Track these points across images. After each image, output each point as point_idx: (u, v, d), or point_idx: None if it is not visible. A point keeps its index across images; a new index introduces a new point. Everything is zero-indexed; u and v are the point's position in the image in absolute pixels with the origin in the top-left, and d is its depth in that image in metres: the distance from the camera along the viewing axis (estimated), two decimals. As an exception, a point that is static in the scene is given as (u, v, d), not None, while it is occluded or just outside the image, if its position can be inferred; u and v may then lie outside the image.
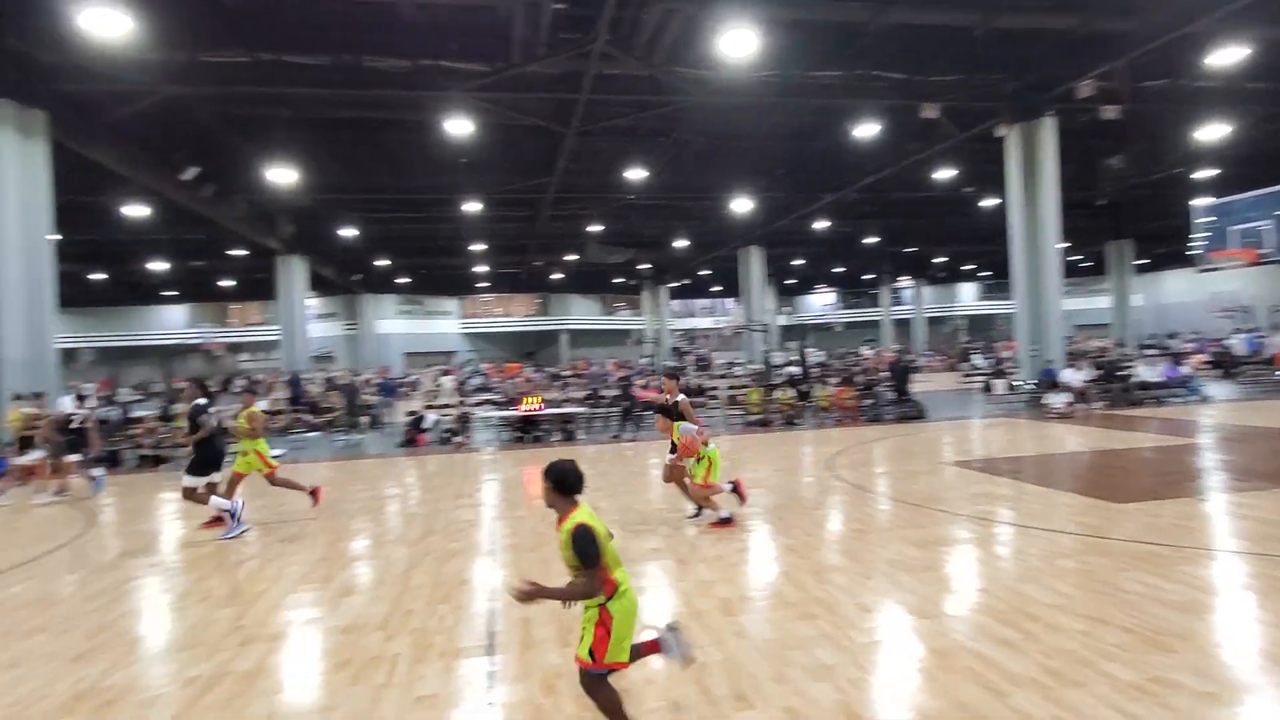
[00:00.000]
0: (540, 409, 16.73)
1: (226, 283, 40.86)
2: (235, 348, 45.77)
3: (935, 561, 6.36)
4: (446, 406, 18.77)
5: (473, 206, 25.40)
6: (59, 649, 5.10)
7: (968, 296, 56.55)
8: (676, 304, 54.03)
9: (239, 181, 21.95)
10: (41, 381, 14.10)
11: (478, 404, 19.92)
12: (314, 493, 9.06)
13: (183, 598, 6.23)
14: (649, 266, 44.42)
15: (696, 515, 8.23)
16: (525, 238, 33.97)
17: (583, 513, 3.44)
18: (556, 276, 46.66)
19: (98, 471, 11.98)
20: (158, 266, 34.33)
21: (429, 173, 23.21)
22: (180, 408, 8.35)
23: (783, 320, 51.17)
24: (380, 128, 19.38)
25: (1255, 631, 4.73)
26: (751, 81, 16.11)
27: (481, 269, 42.45)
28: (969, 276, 53.34)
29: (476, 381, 30.41)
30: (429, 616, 5.46)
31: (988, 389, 21.49)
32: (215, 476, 8.64)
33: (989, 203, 27.51)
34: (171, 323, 45.59)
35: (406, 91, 15.80)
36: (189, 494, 8.44)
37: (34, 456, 11.67)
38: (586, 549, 3.32)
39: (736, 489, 8.24)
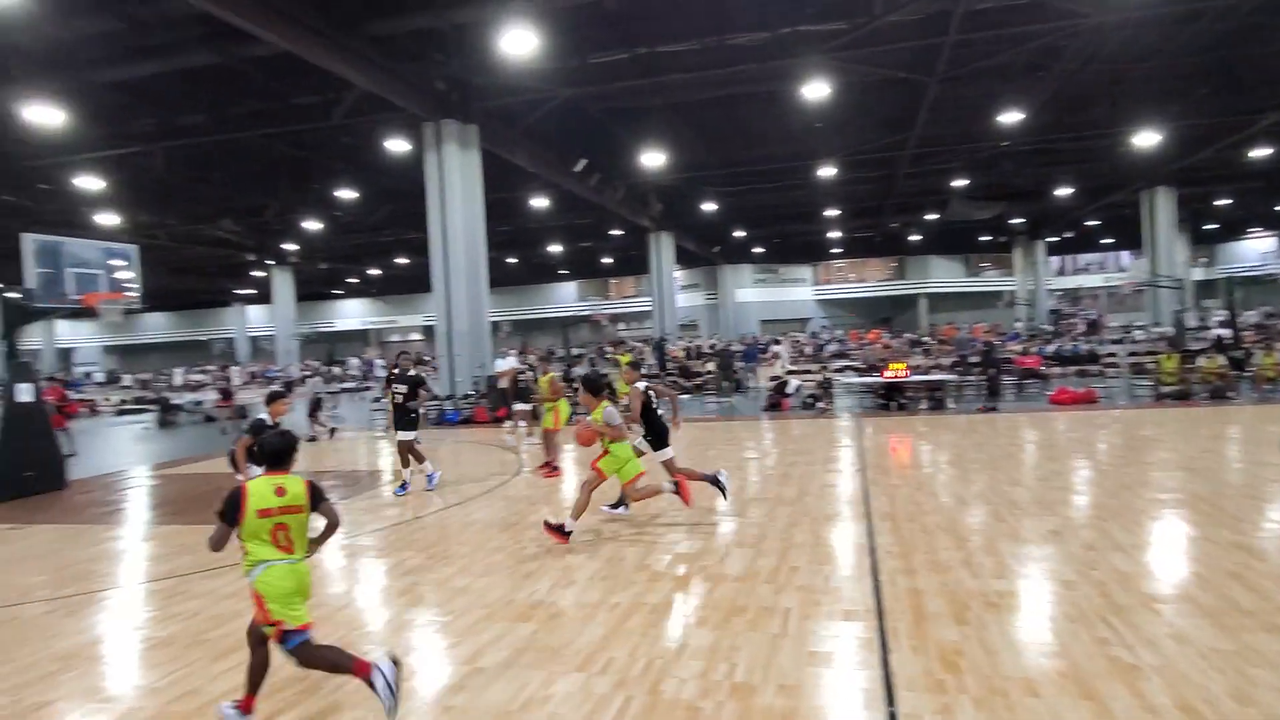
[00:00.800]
0: (906, 375, 16.05)
1: (607, 260, 46.02)
2: (615, 318, 51.35)
3: None
4: (808, 372, 18.95)
5: (826, 171, 25.06)
6: (515, 565, 6.27)
7: None
8: (1055, 260, 47.53)
9: (618, 168, 24.43)
10: (479, 349, 17.35)
11: (838, 370, 19.77)
12: (546, 467, 10.48)
13: (595, 534, 7.19)
14: (1022, 221, 39.71)
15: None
16: (880, 199, 32.61)
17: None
18: (914, 238, 44.10)
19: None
20: (555, 248, 39.86)
21: (783, 141, 23.44)
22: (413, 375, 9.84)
23: (1198, 274, 42.19)
24: (738, 103, 20.01)
25: None
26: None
27: (835, 234, 41.87)
28: None
29: (832, 348, 30.22)
30: (814, 575, 5.60)
31: None
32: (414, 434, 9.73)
33: None
34: (565, 297, 52.66)
35: (765, 63, 16.06)
36: (407, 447, 9.61)
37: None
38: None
39: (679, 490, 7.28)
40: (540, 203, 26.83)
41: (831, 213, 34.48)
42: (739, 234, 39.99)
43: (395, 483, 9.87)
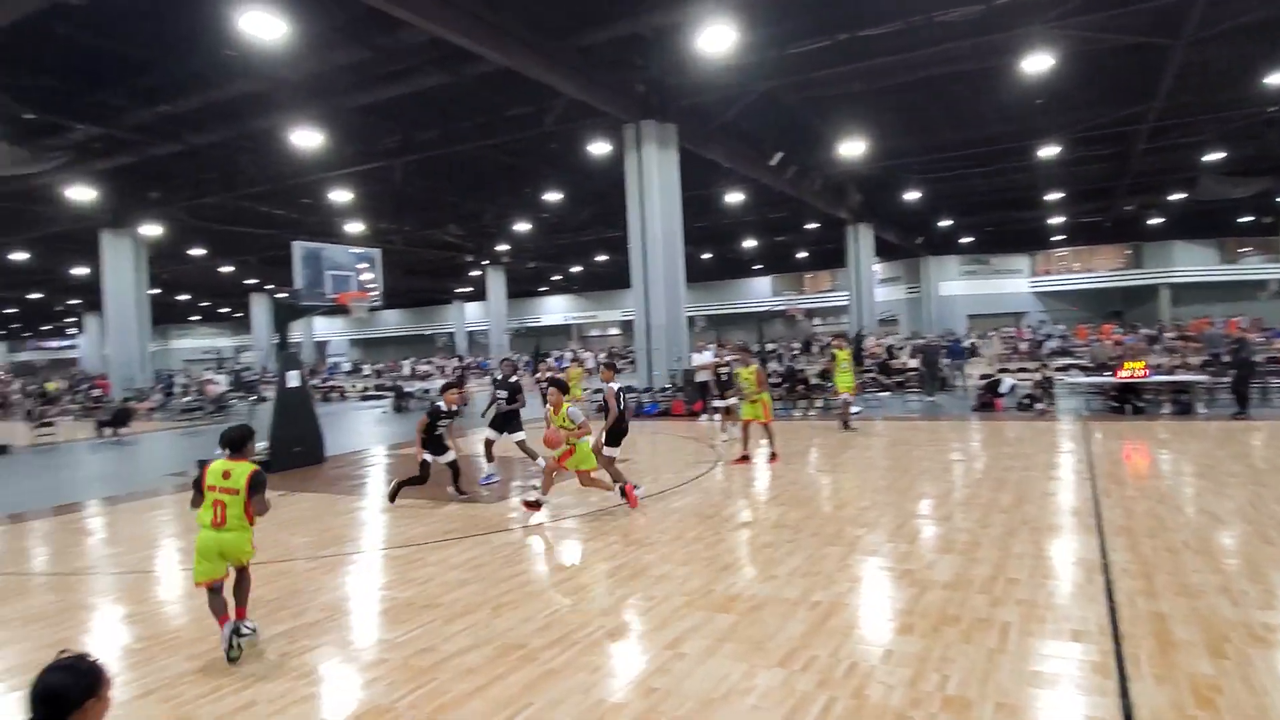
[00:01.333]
0: (1144, 375, 14.30)
1: (802, 254, 45.08)
2: (810, 313, 50.23)
3: None
4: (1024, 370, 17.45)
5: (1048, 151, 22.87)
6: (713, 556, 6.37)
7: None
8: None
9: (815, 159, 23.88)
10: (676, 343, 17.70)
11: (1061, 368, 18.03)
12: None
13: (795, 530, 7.11)
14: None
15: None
16: (1112, 179, 29.18)
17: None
18: (1154, 221, 38.96)
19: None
20: (749, 243, 39.70)
21: (998, 120, 21.67)
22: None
23: None
24: (946, 83, 18.79)
25: None
26: None
27: (1056, 220, 38.03)
28: None
29: (1052, 345, 27.56)
30: (1035, 589, 5.18)
31: None
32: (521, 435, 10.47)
33: None
34: (759, 292, 52.30)
35: (979, 38, 14.95)
36: (521, 445, 10.45)
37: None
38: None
39: (625, 494, 8.05)
40: (735, 197, 26.84)
41: (1053, 196, 31.41)
42: (945, 223, 37.54)
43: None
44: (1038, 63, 15.23)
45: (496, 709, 3.87)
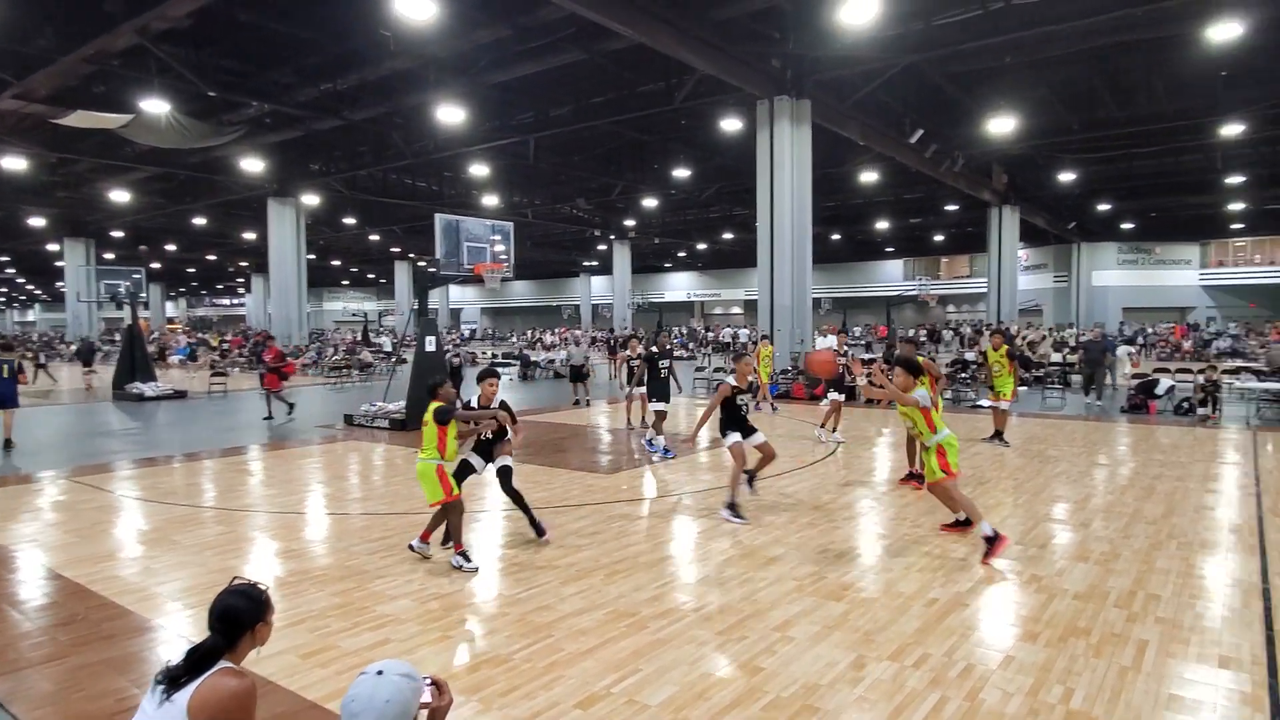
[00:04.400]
0: (1331, 384, 12.77)
1: (938, 237, 42.91)
2: (943, 299, 47.90)
3: None
4: (1185, 371, 15.97)
5: (1231, 129, 20.61)
6: (826, 544, 6.30)
7: None
8: None
9: (958, 137, 22.59)
10: (801, 325, 17.39)
11: (1231, 370, 16.37)
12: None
13: (914, 526, 6.90)
14: None
15: None
16: (1310, 161, 25.94)
17: None
18: (1358, 209, 34.39)
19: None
20: (881, 225, 38.20)
21: (1171, 96, 19.73)
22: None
23: None
24: (1112, 55, 17.28)
25: None
26: None
27: (1235, 207, 34.24)
28: None
29: (1222, 344, 24.99)
30: (1180, 608, 4.81)
31: None
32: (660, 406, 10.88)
33: None
34: (890, 276, 50.32)
35: (1155, 4, 13.61)
36: (659, 416, 10.78)
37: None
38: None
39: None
40: (869, 177, 25.83)
41: (1234, 180, 28.29)
42: (1103, 207, 34.63)
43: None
44: (1226, 30, 13.71)
45: (606, 670, 4.02)
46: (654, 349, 11.69)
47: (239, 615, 2.22)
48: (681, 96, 17.52)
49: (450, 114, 18.16)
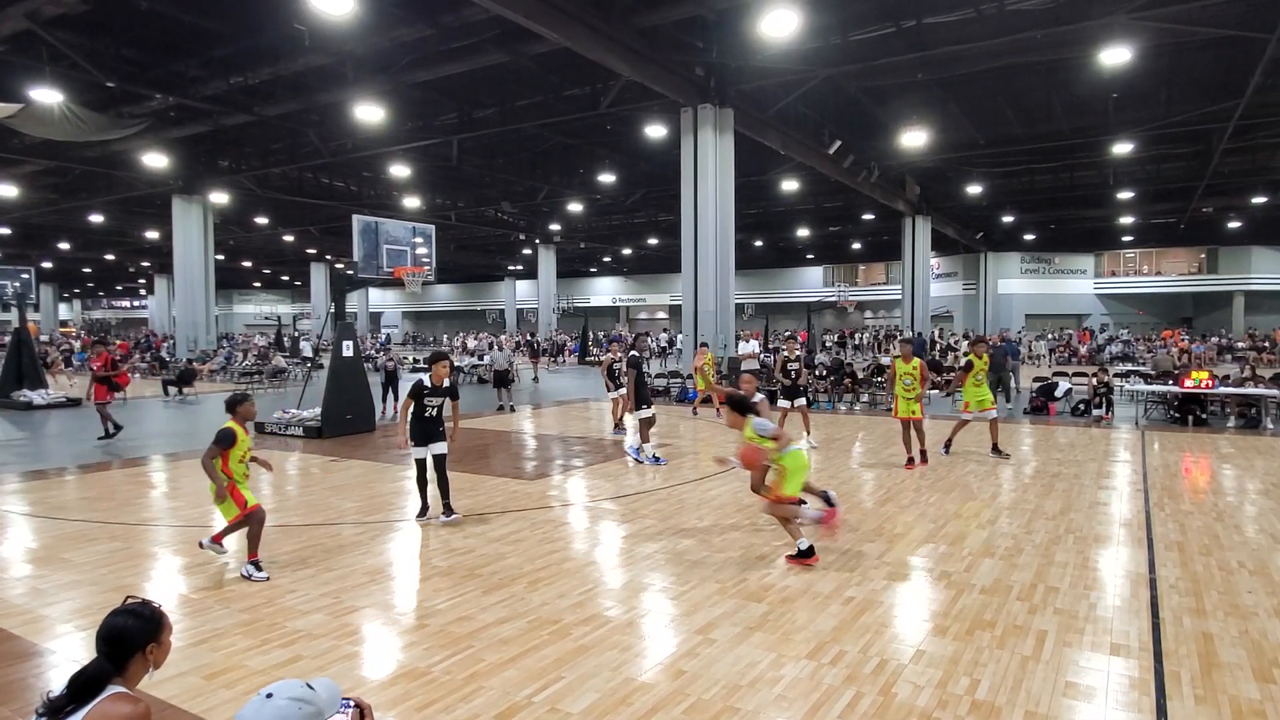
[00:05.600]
0: (1210, 386, 13.77)
1: (856, 245, 44.32)
2: (861, 305, 49.42)
3: None
4: (1081, 374, 16.94)
5: (1122, 148, 22.01)
6: (749, 546, 6.40)
7: None
8: None
9: (874, 149, 23.39)
10: (724, 330, 17.64)
11: (1122, 374, 17.45)
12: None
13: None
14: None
15: None
16: (1190, 180, 27.93)
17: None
18: (1233, 225, 37.21)
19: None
20: (802, 232, 39.18)
21: (1069, 115, 20.99)
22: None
23: None
24: (1015, 74, 18.25)
25: None
26: None
27: (1126, 220, 36.59)
28: None
29: (1114, 349, 26.65)
30: (1075, 599, 5.09)
31: None
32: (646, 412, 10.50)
33: None
34: (810, 282, 51.61)
35: (1054, 29, 14.42)
36: (646, 423, 10.48)
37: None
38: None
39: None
40: (789, 186, 26.47)
41: (1125, 195, 30.23)
42: (1007, 219, 36.43)
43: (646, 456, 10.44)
44: (1116, 55, 14.67)
45: (528, 679, 3.97)
46: (634, 353, 11.39)
47: (128, 636, 2.08)
48: (607, 102, 17.56)
49: (369, 113, 17.70)
